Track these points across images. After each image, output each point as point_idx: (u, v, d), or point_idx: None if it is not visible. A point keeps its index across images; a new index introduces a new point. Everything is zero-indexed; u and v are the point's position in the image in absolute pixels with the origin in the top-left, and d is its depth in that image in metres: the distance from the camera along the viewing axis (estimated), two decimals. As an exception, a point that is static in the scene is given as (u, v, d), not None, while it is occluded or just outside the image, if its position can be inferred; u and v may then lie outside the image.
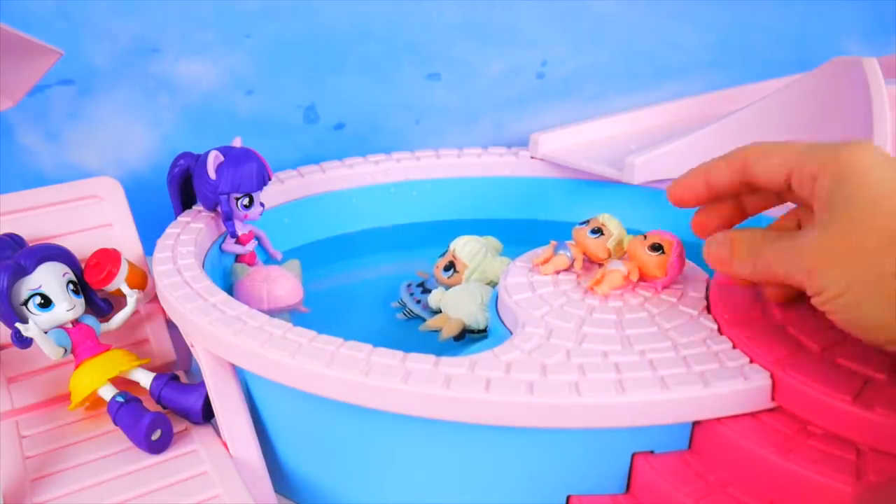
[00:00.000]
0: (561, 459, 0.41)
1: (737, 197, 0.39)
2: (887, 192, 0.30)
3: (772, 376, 0.39)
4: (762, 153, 0.35)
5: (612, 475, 0.41)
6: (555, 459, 0.41)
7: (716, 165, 0.37)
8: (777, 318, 0.44)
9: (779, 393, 0.39)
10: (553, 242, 0.53)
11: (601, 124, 0.77)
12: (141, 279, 0.55)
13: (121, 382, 0.50)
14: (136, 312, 0.54)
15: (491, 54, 0.78)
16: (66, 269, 0.50)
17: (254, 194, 0.59)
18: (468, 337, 0.55)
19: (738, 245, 0.36)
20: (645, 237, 0.49)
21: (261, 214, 0.60)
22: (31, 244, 0.51)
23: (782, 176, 0.34)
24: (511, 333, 0.47)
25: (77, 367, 0.49)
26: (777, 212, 0.43)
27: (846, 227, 0.30)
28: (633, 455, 0.40)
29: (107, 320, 0.52)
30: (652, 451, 0.40)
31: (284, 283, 0.58)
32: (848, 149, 0.31)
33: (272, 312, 0.45)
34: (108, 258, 0.52)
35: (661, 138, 0.70)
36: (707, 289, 0.49)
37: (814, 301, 0.32)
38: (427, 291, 0.60)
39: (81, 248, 0.53)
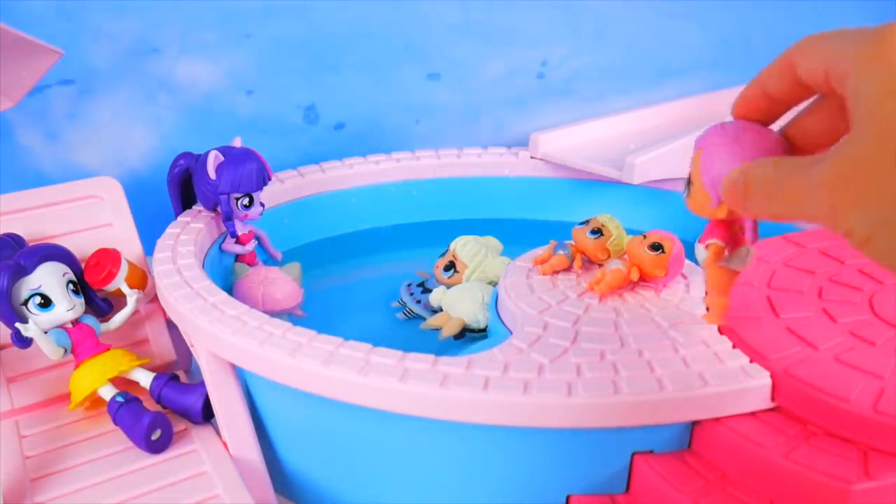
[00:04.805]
0: (561, 459, 0.41)
1: (826, 97, 0.29)
2: None
3: (771, 376, 0.39)
4: (804, 51, 0.26)
5: (612, 475, 0.41)
6: (555, 459, 0.41)
7: (768, 71, 0.29)
8: (777, 317, 0.44)
9: (778, 393, 0.39)
10: (552, 242, 0.53)
11: (601, 124, 0.77)
12: (141, 279, 0.55)
13: (121, 382, 0.50)
14: (136, 312, 0.54)
15: (491, 54, 0.78)
16: (66, 269, 0.50)
17: (254, 194, 0.59)
18: (468, 336, 0.55)
19: (751, 181, 0.27)
20: (644, 237, 0.49)
21: (261, 214, 0.60)
22: (31, 244, 0.51)
23: (822, 79, 0.26)
24: (511, 333, 0.47)
25: (77, 367, 0.49)
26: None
27: (871, 146, 0.22)
28: (633, 455, 0.40)
29: (107, 320, 0.52)
30: (652, 451, 0.40)
31: (281, 287, 0.58)
32: (881, 35, 0.23)
33: (268, 315, 0.45)
34: (108, 258, 0.52)
35: (661, 138, 0.70)
36: (707, 289, 0.49)
37: (849, 244, 0.24)
38: (427, 291, 0.60)
39: (81, 248, 0.53)
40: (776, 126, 0.31)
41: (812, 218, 0.25)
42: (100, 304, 0.52)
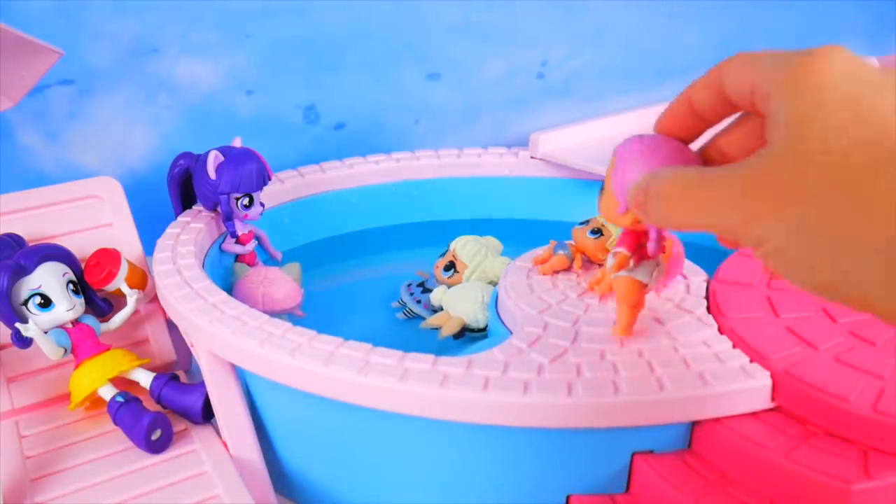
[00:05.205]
0: (561, 459, 0.41)
1: (746, 118, 0.29)
2: (845, 120, 0.22)
3: (772, 376, 0.39)
4: (733, 67, 0.27)
5: (612, 475, 0.41)
6: (555, 459, 0.41)
7: (696, 85, 0.29)
8: (777, 317, 0.44)
9: (778, 393, 0.39)
10: (552, 242, 0.53)
11: (601, 124, 0.77)
12: (141, 279, 0.55)
13: (121, 382, 0.50)
14: (136, 312, 0.54)
15: (491, 54, 0.78)
16: (66, 269, 0.50)
17: (254, 194, 0.59)
18: (468, 336, 0.55)
19: (654, 187, 0.27)
20: (645, 237, 0.49)
21: (261, 214, 0.60)
22: (31, 244, 0.51)
23: (747, 97, 0.26)
24: (510, 333, 0.47)
25: (77, 367, 0.49)
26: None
27: (787, 162, 0.23)
28: (633, 455, 0.40)
29: (107, 320, 0.52)
30: (652, 451, 0.40)
31: (281, 287, 0.58)
32: (809, 57, 0.23)
33: (268, 315, 0.45)
34: (108, 258, 0.52)
35: (661, 138, 0.70)
36: (707, 289, 0.49)
37: (755, 254, 0.24)
38: (427, 291, 0.60)
39: (81, 248, 0.53)
40: (694, 146, 0.31)
41: (715, 227, 0.25)
42: (100, 304, 0.52)
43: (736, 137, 0.29)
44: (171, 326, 0.56)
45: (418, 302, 0.60)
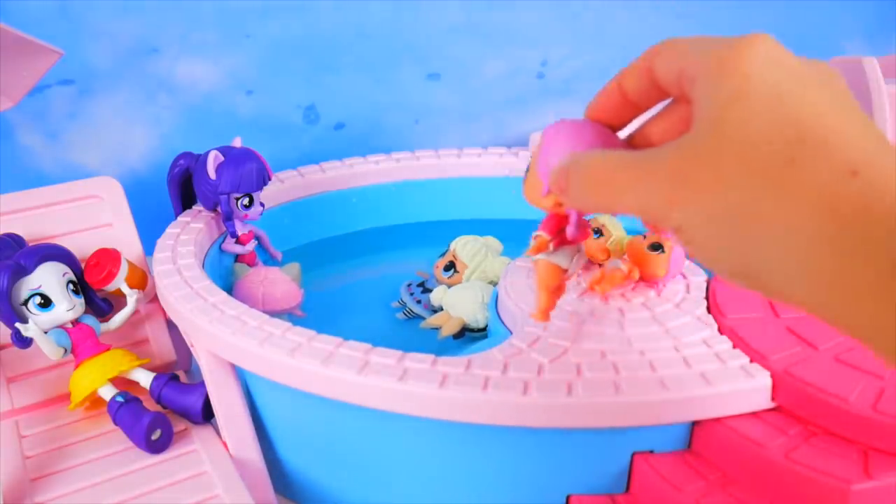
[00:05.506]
0: (561, 459, 0.41)
1: (674, 105, 0.29)
2: (765, 110, 0.22)
3: (772, 376, 0.39)
4: (663, 52, 0.26)
5: (612, 475, 0.41)
6: (555, 459, 0.41)
7: (627, 70, 0.29)
8: (777, 317, 0.44)
9: (778, 393, 0.39)
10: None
11: (601, 124, 0.77)
12: (141, 279, 0.55)
13: (121, 382, 0.50)
14: (136, 312, 0.54)
15: (491, 54, 0.78)
16: (66, 269, 0.50)
17: (254, 194, 0.59)
18: (468, 336, 0.55)
19: (575, 167, 0.27)
20: (644, 237, 0.49)
21: (261, 214, 0.60)
22: (31, 244, 0.51)
23: (675, 81, 0.26)
24: (510, 333, 0.47)
25: (77, 367, 0.49)
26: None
27: (708, 148, 0.23)
28: (633, 455, 0.40)
29: (107, 320, 0.52)
30: (652, 451, 0.40)
31: (281, 286, 0.58)
32: (735, 45, 0.23)
33: (268, 315, 0.45)
34: (108, 258, 0.52)
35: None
36: (707, 289, 0.49)
37: (674, 240, 0.25)
38: (427, 291, 0.60)
39: (81, 248, 0.53)
40: (623, 134, 0.31)
41: (635, 211, 0.25)
42: (100, 304, 0.52)
43: (664, 125, 0.29)
44: (171, 326, 0.56)
45: (418, 302, 0.60)
